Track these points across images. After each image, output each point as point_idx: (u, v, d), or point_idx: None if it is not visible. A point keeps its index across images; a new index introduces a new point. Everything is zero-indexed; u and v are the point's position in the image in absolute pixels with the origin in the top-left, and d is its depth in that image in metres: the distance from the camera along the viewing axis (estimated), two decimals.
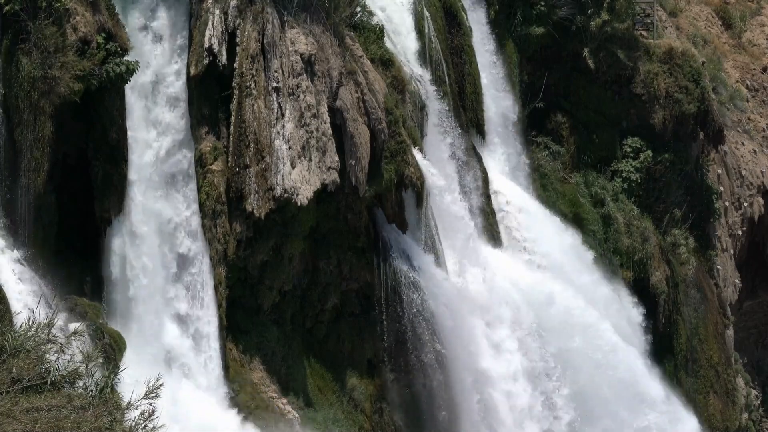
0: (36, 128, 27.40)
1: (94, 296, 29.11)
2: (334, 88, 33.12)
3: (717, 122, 49.15)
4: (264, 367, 32.69)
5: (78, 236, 29.41)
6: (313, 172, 32.13)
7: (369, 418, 34.69)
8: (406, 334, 35.26)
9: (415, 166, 35.22)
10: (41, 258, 27.75)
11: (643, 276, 45.84)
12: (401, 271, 35.00)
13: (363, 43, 35.36)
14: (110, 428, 13.92)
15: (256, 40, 31.90)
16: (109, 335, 27.81)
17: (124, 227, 29.63)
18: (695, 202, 48.42)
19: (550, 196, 44.26)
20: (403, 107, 36.32)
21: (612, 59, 46.68)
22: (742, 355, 53.39)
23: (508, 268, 39.65)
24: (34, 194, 27.62)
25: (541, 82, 45.72)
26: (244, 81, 31.64)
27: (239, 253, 31.90)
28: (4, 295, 25.95)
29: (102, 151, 29.05)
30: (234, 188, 31.54)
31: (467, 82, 41.39)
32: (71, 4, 27.85)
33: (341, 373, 34.56)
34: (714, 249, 49.88)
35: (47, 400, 14.02)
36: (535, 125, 45.85)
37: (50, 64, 27.43)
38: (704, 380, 47.91)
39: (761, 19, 60.36)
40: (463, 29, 41.42)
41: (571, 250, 43.10)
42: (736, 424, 49.39)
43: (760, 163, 54.32)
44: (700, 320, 48.18)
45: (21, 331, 15.16)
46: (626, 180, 46.66)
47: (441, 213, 36.94)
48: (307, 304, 34.35)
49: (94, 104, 28.73)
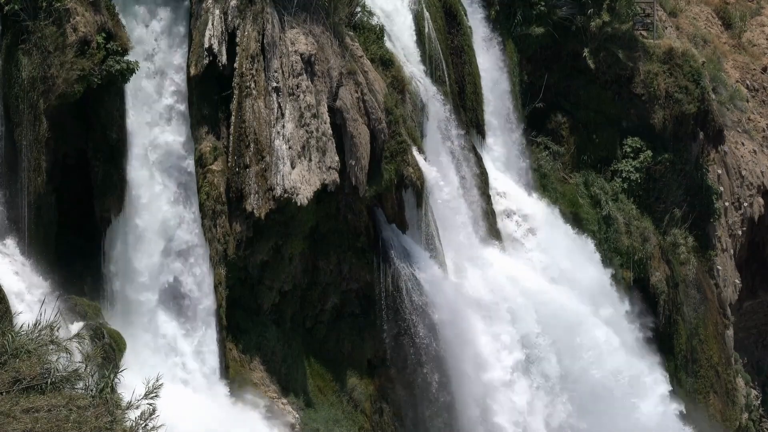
0: (36, 128, 27.37)
1: (94, 296, 29.11)
2: (334, 88, 33.10)
3: (717, 122, 49.16)
4: (264, 367, 32.68)
5: (78, 236, 29.40)
6: (313, 172, 32.11)
7: (369, 418, 34.68)
8: (406, 334, 35.26)
9: (415, 166, 35.21)
10: (41, 258, 27.73)
11: (643, 276, 45.83)
12: (401, 271, 34.99)
13: (363, 43, 35.35)
14: (110, 428, 13.91)
15: (256, 40, 31.88)
16: (109, 335, 27.80)
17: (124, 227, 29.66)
18: (695, 202, 48.41)
19: (550, 196, 44.25)
20: (403, 107, 36.31)
21: (612, 59, 46.68)
22: (742, 355, 53.39)
23: (508, 268, 39.66)
24: (34, 194, 27.60)
25: (541, 82, 45.72)
26: (244, 81, 31.62)
27: (239, 253, 31.88)
28: (4, 295, 25.93)
29: (102, 151, 29.04)
30: (234, 188, 31.53)
31: (467, 82, 41.39)
32: (71, 4, 27.82)
33: (341, 373, 34.55)
34: (714, 249, 49.88)
35: (48, 400, 14.02)
36: (535, 125, 45.84)
37: (50, 64, 27.40)
38: (704, 380, 47.89)
39: (761, 19, 60.37)
40: (463, 29, 41.42)
41: (570, 250, 43.10)
42: (736, 424, 49.39)
43: (760, 163, 54.32)
44: (700, 320, 48.17)
45: (22, 332, 15.16)
46: (626, 180, 46.65)
47: (441, 213, 36.94)
48: (307, 304, 34.35)
49: (94, 104, 28.72)
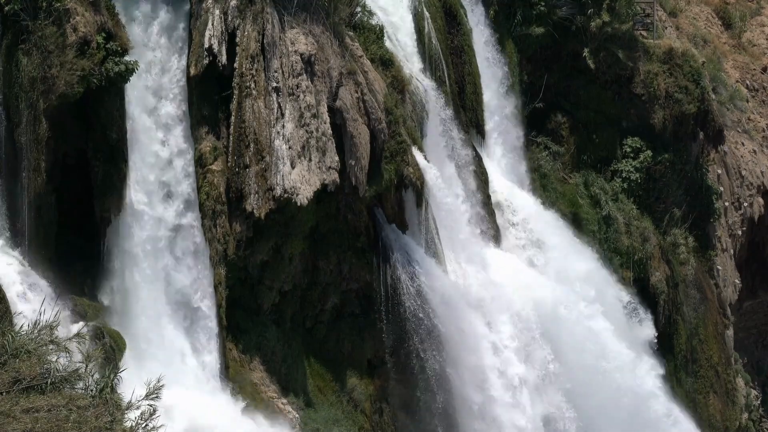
0: (36, 128, 27.36)
1: (94, 296, 29.10)
2: (334, 88, 33.10)
3: (717, 122, 49.16)
4: (264, 367, 32.68)
5: (78, 236, 29.39)
6: (313, 172, 32.11)
7: (369, 418, 34.67)
8: (406, 334, 35.25)
9: (415, 166, 35.21)
10: (41, 258, 27.73)
11: (643, 276, 45.83)
12: (401, 271, 34.98)
13: (363, 43, 35.34)
14: (110, 428, 13.91)
15: (256, 40, 31.88)
16: (109, 335, 27.80)
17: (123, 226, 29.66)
18: (695, 202, 48.40)
19: (549, 196, 44.25)
20: (403, 107, 36.31)
21: (612, 59, 46.67)
22: (742, 355, 53.38)
23: (508, 268, 39.66)
24: (34, 194, 27.58)
25: (541, 82, 45.72)
26: (244, 81, 31.62)
27: (239, 253, 31.88)
28: (4, 295, 25.93)
29: (102, 151, 29.03)
30: (234, 188, 31.53)
31: (467, 82, 41.39)
32: (71, 4, 27.80)
33: (341, 373, 34.55)
34: (714, 249, 49.88)
35: (48, 400, 14.01)
36: (535, 125, 45.84)
37: (50, 64, 27.39)
38: (704, 380, 47.89)
39: (761, 19, 60.36)
40: (463, 29, 41.41)
41: (570, 249, 43.10)
42: (736, 424, 49.38)
43: (760, 163, 54.31)
44: (700, 320, 48.17)
45: (22, 332, 15.15)
46: (626, 180, 46.64)
47: (441, 213, 36.94)
48: (307, 304, 34.35)
49: (94, 104, 28.70)
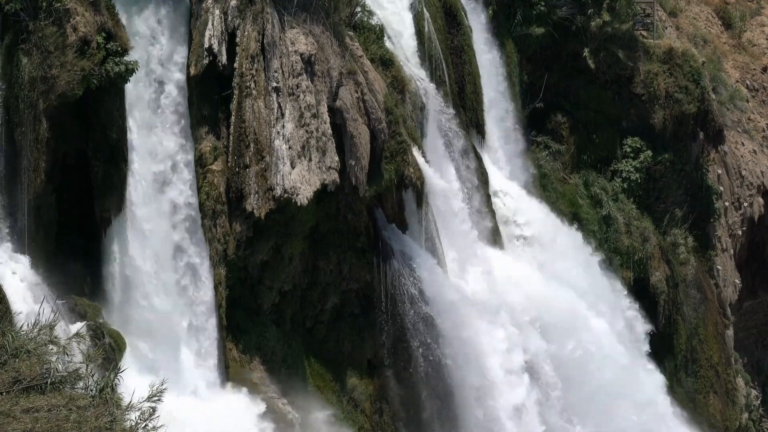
0: (36, 128, 27.35)
1: (94, 296, 29.09)
2: (334, 88, 33.10)
3: (717, 122, 49.16)
4: (264, 367, 32.67)
5: (78, 236, 29.39)
6: (313, 172, 32.11)
7: (369, 418, 34.67)
8: (406, 334, 35.24)
9: (415, 166, 35.21)
10: (41, 258, 27.71)
11: (643, 276, 45.83)
12: (401, 271, 34.97)
13: (363, 43, 35.34)
14: (110, 428, 13.91)
15: (256, 40, 31.87)
16: (110, 335, 27.79)
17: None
18: (695, 202, 48.41)
19: (550, 196, 44.25)
20: (403, 107, 36.31)
21: (612, 59, 46.68)
22: (742, 355, 53.38)
23: (508, 268, 39.66)
24: (34, 194, 27.57)
25: (541, 82, 45.72)
26: (244, 81, 31.62)
27: (239, 253, 31.88)
28: (4, 295, 25.91)
29: (102, 151, 29.02)
30: (234, 188, 31.53)
31: (467, 82, 41.39)
32: (71, 4, 27.79)
33: (341, 373, 34.54)
34: (714, 249, 49.88)
35: (48, 400, 14.00)
36: (535, 125, 45.85)
37: (50, 64, 27.37)
38: (704, 380, 47.90)
39: (761, 19, 60.37)
40: (463, 29, 41.42)
41: (570, 249, 43.09)
42: (736, 424, 49.38)
43: (760, 163, 54.32)
44: (700, 320, 48.18)
45: (22, 332, 15.14)
46: (626, 180, 46.65)
47: (441, 213, 36.93)
48: (307, 304, 34.34)
49: (94, 104, 28.69)
